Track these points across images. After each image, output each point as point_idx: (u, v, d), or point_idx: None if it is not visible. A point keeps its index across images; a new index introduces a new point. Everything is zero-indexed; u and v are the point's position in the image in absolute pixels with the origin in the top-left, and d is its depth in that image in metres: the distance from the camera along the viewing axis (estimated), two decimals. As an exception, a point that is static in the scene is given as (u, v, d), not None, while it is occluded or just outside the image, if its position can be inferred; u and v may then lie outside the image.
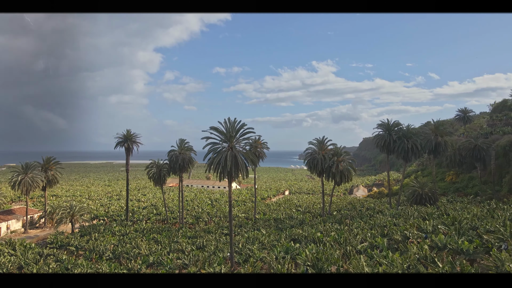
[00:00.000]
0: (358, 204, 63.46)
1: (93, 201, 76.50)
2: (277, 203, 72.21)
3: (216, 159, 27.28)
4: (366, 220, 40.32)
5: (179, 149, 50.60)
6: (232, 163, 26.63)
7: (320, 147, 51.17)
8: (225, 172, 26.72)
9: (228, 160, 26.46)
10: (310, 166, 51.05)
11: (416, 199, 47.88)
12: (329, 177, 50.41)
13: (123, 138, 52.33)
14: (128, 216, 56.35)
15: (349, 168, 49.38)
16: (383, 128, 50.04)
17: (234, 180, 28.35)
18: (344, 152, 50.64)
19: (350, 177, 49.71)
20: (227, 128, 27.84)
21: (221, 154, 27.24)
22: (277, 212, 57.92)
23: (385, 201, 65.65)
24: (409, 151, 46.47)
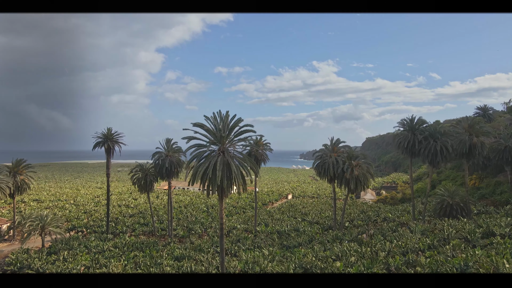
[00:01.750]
0: (371, 212, 56.21)
1: (77, 207, 69.44)
2: (280, 210, 65.02)
3: (201, 168, 20.11)
4: (390, 238, 33.11)
5: (166, 151, 43.41)
6: (223, 173, 19.52)
7: (331, 149, 43.89)
8: (214, 186, 19.61)
9: (218, 169, 19.34)
10: (320, 171, 43.80)
11: (445, 210, 40.64)
12: (341, 183, 43.15)
13: (102, 137, 45.17)
14: (110, 227, 49.21)
15: (366, 173, 42.11)
16: (405, 126, 42.79)
17: (226, 196, 21.31)
18: (361, 154, 43.35)
19: (366, 184, 42.45)
20: (217, 125, 20.68)
21: (209, 160, 20.09)
22: (281, 223, 50.72)
23: (402, 209, 58.30)
24: (438, 154, 39.22)
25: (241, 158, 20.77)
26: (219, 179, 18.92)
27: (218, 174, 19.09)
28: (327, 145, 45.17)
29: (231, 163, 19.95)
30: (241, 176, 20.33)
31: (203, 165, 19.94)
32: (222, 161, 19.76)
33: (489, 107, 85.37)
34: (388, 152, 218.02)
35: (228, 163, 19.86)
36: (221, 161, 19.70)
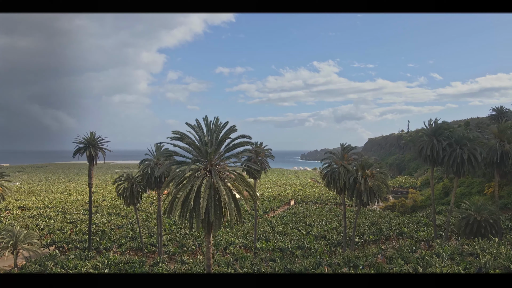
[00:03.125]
0: (383, 225, 51.14)
1: (64, 215, 64.53)
2: (283, 220, 59.96)
3: (180, 194, 15.12)
4: (413, 264, 28.07)
5: (155, 158, 38.43)
6: (210, 201, 14.58)
7: (341, 156, 38.84)
8: (198, 218, 14.66)
9: (203, 196, 14.41)
10: (329, 181, 38.77)
11: (471, 227, 35.57)
12: (352, 195, 38.14)
13: (84, 143, 40.23)
14: (93, 242, 44.29)
15: (381, 184, 37.08)
16: (426, 131, 37.78)
17: (215, 230, 16.27)
18: (375, 162, 38.29)
19: (381, 197, 37.42)
20: (202, 136, 15.69)
21: (191, 183, 15.13)
22: (284, 237, 45.70)
23: (416, 220, 53.07)
24: (465, 163, 34.17)
25: (234, 181, 15.81)
26: (203, 210, 14.01)
27: (202, 203, 14.18)
28: (336, 151, 40.13)
29: (220, 187, 15.03)
30: (232, 206, 15.37)
31: (183, 190, 15.02)
32: (208, 184, 14.85)
33: (506, 108, 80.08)
34: (392, 154, 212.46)
35: (217, 189, 14.93)
36: (207, 184, 14.80)
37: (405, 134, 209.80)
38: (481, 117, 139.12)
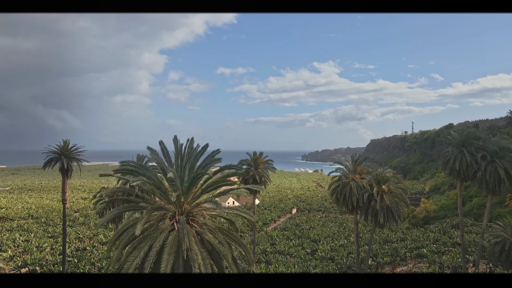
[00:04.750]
0: (397, 243, 45.76)
1: (46, 227, 59.30)
2: (284, 235, 54.57)
3: (131, 262, 9.85)
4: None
5: (139, 172, 32.91)
6: (177, 265, 9.38)
7: (353, 169, 33.55)
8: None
9: (166, 261, 9.29)
10: (338, 198, 33.54)
11: (507, 254, 30.24)
12: (367, 215, 32.90)
13: (57, 153, 34.98)
14: (70, 264, 39.04)
15: (400, 202, 31.80)
16: (453, 140, 32.46)
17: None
18: (393, 177, 32.99)
19: (400, 216, 32.15)
20: (166, 168, 10.38)
21: (148, 242, 9.84)
22: (286, 260, 40.37)
23: (435, 238, 47.53)
24: (504, 180, 28.85)
25: (217, 230, 10.53)
26: None
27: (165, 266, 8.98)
28: (347, 164, 34.82)
29: (192, 246, 9.79)
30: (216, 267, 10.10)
31: (135, 255, 9.80)
32: (175, 243, 9.63)
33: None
34: (396, 156, 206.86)
35: (188, 247, 9.70)
36: (173, 243, 9.57)
37: (409, 136, 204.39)
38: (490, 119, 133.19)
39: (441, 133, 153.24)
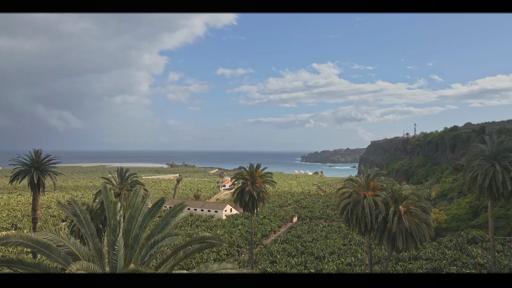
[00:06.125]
0: (411, 261, 41.31)
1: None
2: (286, 250, 50.01)
3: None
4: None
5: (117, 186, 28.74)
6: None
7: (366, 185, 29.12)
8: None
9: None
10: (349, 218, 29.14)
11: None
12: (382, 238, 28.50)
13: (27, 165, 30.46)
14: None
15: (421, 223, 27.36)
16: (483, 151, 28.05)
17: None
18: (412, 194, 28.59)
19: (422, 241, 27.75)
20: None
21: None
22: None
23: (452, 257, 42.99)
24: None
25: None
26: None
27: None
28: (357, 179, 30.35)
29: None
30: None
31: None
32: None
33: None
34: (398, 158, 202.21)
35: None
36: None
37: (411, 138, 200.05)
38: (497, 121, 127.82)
39: (445, 136, 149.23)
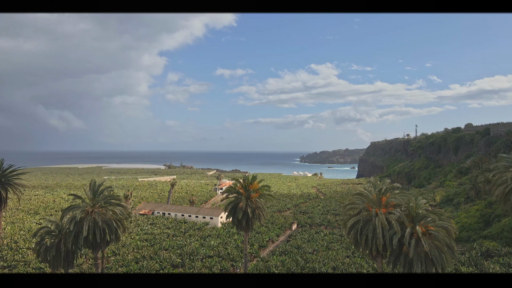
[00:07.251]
0: None
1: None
2: (285, 265, 46.05)
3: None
4: None
5: (90, 204, 24.82)
6: None
7: (378, 201, 25.27)
8: None
9: None
10: (357, 240, 25.27)
11: None
12: (396, 263, 24.63)
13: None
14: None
15: (443, 247, 23.50)
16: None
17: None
18: (430, 213, 24.75)
19: (444, 266, 23.86)
20: None
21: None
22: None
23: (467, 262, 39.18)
24: None
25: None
26: None
27: None
28: (367, 193, 26.44)
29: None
30: None
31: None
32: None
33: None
34: (399, 160, 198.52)
35: None
36: None
37: (412, 139, 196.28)
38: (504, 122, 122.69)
39: (447, 137, 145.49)
